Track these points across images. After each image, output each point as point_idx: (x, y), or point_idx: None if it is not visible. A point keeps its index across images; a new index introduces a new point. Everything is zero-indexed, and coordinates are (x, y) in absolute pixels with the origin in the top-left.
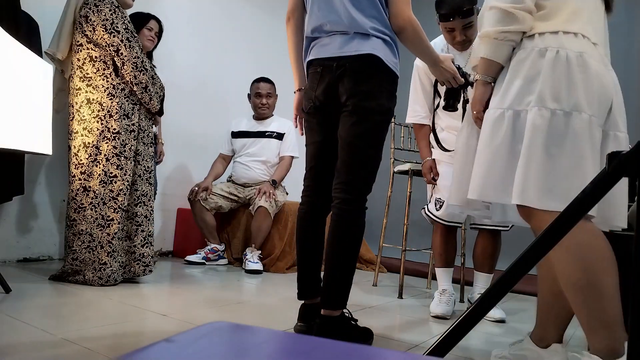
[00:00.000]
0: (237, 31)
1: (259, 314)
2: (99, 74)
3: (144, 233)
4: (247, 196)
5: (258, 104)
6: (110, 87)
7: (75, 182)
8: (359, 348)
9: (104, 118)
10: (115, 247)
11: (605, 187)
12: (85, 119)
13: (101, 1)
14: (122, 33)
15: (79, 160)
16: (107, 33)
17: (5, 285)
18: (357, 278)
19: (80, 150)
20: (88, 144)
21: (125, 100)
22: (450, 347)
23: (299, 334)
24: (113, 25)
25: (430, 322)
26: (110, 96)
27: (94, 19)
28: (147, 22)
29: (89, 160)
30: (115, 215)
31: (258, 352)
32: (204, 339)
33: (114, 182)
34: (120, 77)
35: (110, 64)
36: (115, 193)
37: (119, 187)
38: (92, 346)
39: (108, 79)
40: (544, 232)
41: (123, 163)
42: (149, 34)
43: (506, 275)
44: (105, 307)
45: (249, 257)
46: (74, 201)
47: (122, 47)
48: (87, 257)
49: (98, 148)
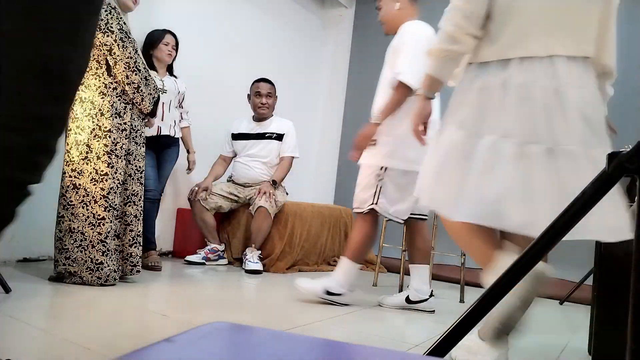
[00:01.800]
0: (237, 32)
1: (259, 314)
2: (92, 72)
3: (132, 233)
4: (247, 196)
5: (258, 104)
6: (102, 86)
7: (66, 179)
8: (359, 348)
9: (96, 116)
10: (110, 247)
11: (605, 187)
12: (78, 117)
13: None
14: (115, 33)
15: (70, 158)
16: (101, 33)
17: (5, 285)
18: (357, 278)
19: (72, 148)
20: (79, 142)
21: (117, 99)
22: (450, 347)
23: (298, 334)
24: (107, 25)
25: (431, 322)
26: (102, 95)
27: None
28: (163, 38)
29: (79, 158)
30: (106, 214)
31: (258, 352)
32: (204, 339)
33: (105, 181)
34: (113, 77)
35: (104, 63)
36: (105, 191)
37: (110, 186)
38: (92, 346)
39: (100, 78)
40: (544, 232)
41: (114, 161)
42: (166, 48)
43: (506, 275)
44: (105, 307)
45: (249, 257)
46: (63, 198)
47: (115, 46)
48: (80, 257)
49: (89, 146)
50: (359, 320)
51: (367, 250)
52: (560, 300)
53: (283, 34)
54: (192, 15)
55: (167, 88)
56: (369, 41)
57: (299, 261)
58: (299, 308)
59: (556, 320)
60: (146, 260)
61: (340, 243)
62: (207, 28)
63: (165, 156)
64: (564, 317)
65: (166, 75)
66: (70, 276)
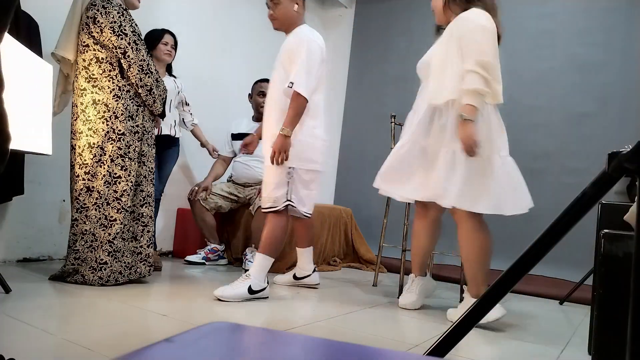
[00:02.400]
0: (237, 32)
1: (259, 314)
2: (105, 75)
3: (149, 233)
4: (247, 196)
5: (261, 103)
6: (116, 89)
7: (79, 182)
8: (359, 348)
9: (110, 119)
10: (118, 247)
11: (605, 186)
12: (91, 120)
13: (109, 3)
14: (129, 36)
15: (83, 161)
16: (115, 35)
17: (5, 285)
18: (357, 278)
19: (85, 150)
20: (93, 145)
21: (130, 102)
22: (450, 347)
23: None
24: (121, 27)
25: (431, 322)
26: (116, 97)
27: (102, 21)
28: (162, 37)
29: (93, 161)
30: (118, 215)
31: (258, 352)
32: (204, 339)
33: (118, 183)
34: (126, 79)
35: (116, 65)
36: (119, 194)
37: (123, 188)
38: (92, 346)
39: (114, 81)
40: (545, 232)
41: (127, 164)
42: (165, 48)
43: (506, 275)
44: (106, 307)
45: (249, 257)
46: (77, 201)
47: (129, 49)
48: (89, 257)
49: (103, 149)
50: (359, 320)
51: (282, 245)
52: (560, 300)
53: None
54: (192, 15)
55: (166, 88)
56: (369, 41)
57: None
58: (299, 308)
59: (556, 320)
60: None
61: (340, 243)
62: (207, 28)
63: (166, 156)
64: (564, 317)
65: (165, 75)
66: (74, 274)
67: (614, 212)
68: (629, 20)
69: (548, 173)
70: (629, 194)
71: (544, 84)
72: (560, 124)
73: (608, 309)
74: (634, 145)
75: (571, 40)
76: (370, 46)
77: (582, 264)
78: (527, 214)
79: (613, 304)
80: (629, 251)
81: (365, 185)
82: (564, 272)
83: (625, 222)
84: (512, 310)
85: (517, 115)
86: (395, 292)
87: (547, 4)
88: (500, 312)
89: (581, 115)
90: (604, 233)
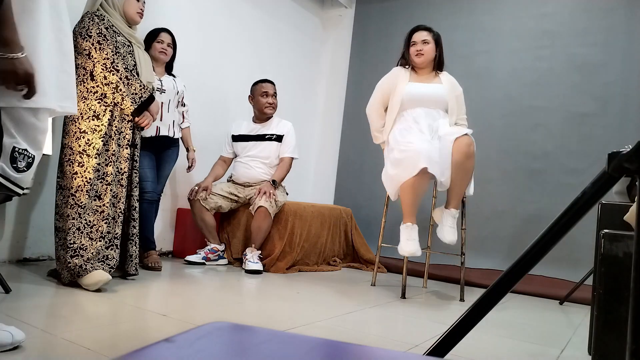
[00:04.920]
0: (237, 32)
1: (259, 314)
2: (79, 80)
3: (109, 235)
4: (248, 196)
5: (265, 104)
6: (85, 91)
7: (56, 183)
8: (359, 348)
9: (77, 120)
10: (72, 242)
11: (605, 186)
12: (66, 123)
13: (86, 14)
14: (93, 37)
15: (60, 160)
16: (82, 39)
17: (5, 285)
18: (356, 278)
19: (61, 151)
20: (65, 145)
21: (96, 102)
22: (451, 347)
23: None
24: (87, 31)
25: (431, 322)
26: (83, 99)
27: (75, 29)
28: (158, 36)
29: (63, 160)
30: (70, 211)
31: (258, 352)
32: (204, 339)
33: (74, 179)
34: (94, 81)
35: (90, 68)
36: (74, 190)
37: (78, 184)
38: (92, 346)
39: (85, 84)
40: (545, 232)
41: (85, 161)
42: (159, 46)
43: (506, 275)
44: (105, 307)
45: (249, 257)
46: (56, 199)
47: (92, 49)
48: (60, 255)
49: (72, 148)
50: (359, 320)
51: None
52: (560, 300)
53: (283, 34)
54: (192, 15)
55: (165, 87)
56: (369, 41)
57: (299, 261)
58: (299, 308)
59: (556, 320)
60: (146, 260)
61: (340, 243)
62: (207, 28)
63: (165, 157)
64: (564, 317)
65: (164, 74)
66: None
67: (614, 212)
68: (629, 20)
69: (548, 173)
70: (629, 194)
71: (544, 84)
72: (560, 124)
73: (608, 309)
74: (634, 145)
75: (571, 40)
76: (370, 46)
77: (582, 264)
78: (527, 214)
79: (613, 304)
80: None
81: (365, 185)
82: (564, 272)
83: (625, 222)
84: (512, 310)
85: (517, 115)
86: (395, 292)
87: (547, 4)
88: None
89: (581, 115)
90: (604, 233)
